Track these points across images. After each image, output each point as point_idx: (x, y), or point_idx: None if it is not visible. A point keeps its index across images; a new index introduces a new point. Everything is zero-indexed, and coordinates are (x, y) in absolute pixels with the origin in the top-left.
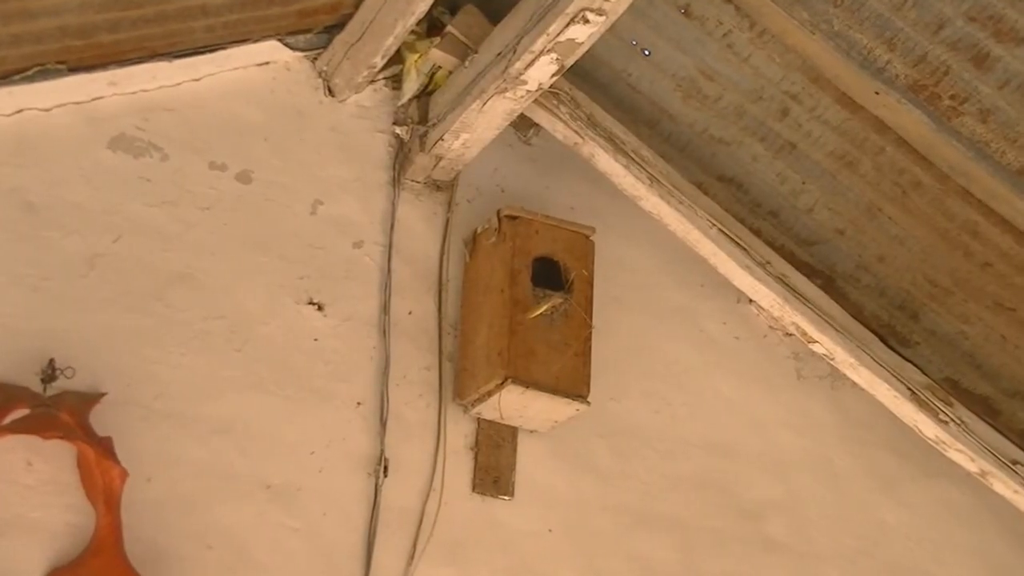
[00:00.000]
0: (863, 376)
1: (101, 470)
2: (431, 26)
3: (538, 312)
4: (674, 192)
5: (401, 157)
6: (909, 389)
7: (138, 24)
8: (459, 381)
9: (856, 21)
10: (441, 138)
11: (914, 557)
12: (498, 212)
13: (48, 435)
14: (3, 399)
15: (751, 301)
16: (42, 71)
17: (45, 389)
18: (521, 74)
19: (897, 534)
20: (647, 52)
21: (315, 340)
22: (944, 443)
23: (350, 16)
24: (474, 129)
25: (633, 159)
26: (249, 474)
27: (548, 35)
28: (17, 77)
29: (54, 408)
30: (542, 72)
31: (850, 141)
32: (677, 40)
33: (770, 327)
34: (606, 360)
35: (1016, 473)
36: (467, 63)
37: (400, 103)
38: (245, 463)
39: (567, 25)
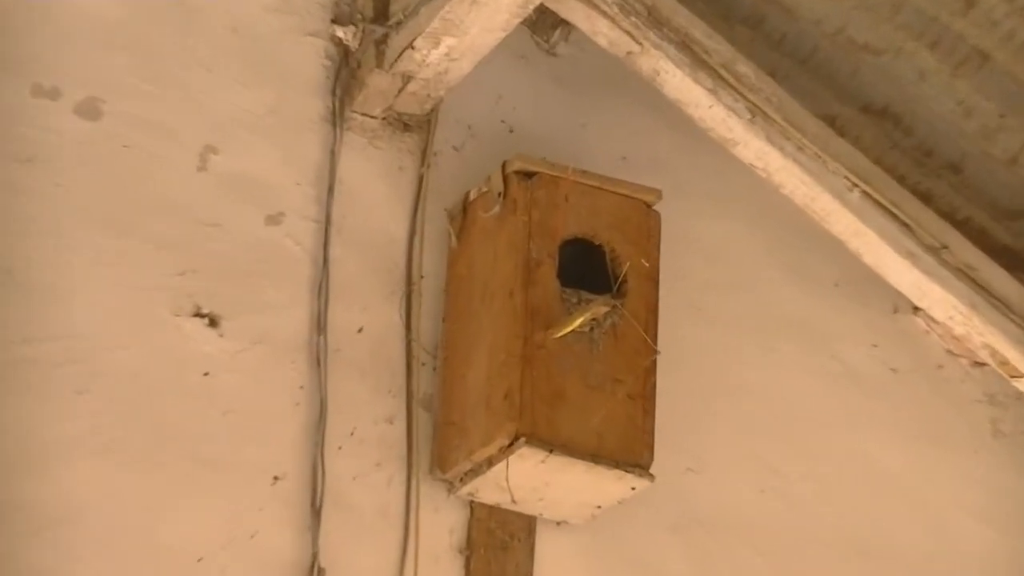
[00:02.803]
0: None
1: None
2: None
3: (570, 328)
4: (790, 132)
5: (345, 76)
6: None
7: None
8: (441, 442)
9: None
10: (411, 45)
11: None
12: (503, 166)
13: None
14: None
15: (917, 310)
16: None
17: None
18: None
19: None
20: None
21: (205, 375)
22: None
23: None
24: (464, 31)
25: (723, 78)
26: None
27: None
28: None
29: None
30: None
31: None
32: None
33: (949, 352)
34: (680, 406)
35: None
36: None
37: None
38: (95, 574)
39: None
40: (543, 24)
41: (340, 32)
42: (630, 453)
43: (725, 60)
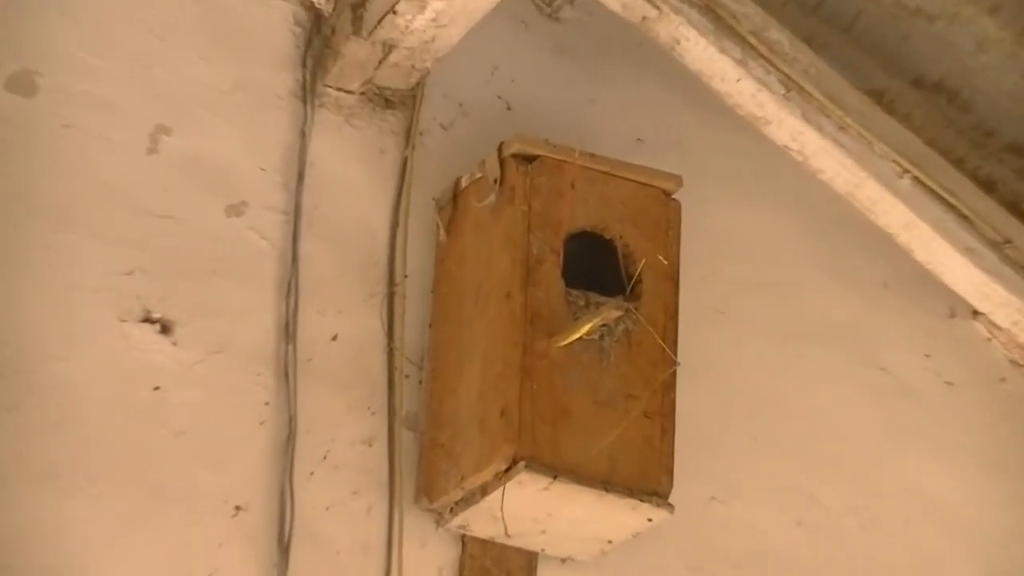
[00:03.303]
0: None
1: None
2: None
3: (577, 335)
4: (830, 109)
5: (317, 45)
6: None
7: None
8: (428, 466)
9: None
10: (392, 9)
11: None
12: (500, 148)
13: None
14: None
15: (977, 314)
16: None
17: None
18: None
19: None
20: None
21: (156, 389)
22: None
23: None
24: None
25: (753, 47)
26: None
27: None
28: None
29: None
30: None
31: None
32: None
33: (1013, 362)
34: (703, 425)
35: None
36: None
37: None
38: None
39: None
40: None
41: None
42: (646, 479)
43: (755, 26)
